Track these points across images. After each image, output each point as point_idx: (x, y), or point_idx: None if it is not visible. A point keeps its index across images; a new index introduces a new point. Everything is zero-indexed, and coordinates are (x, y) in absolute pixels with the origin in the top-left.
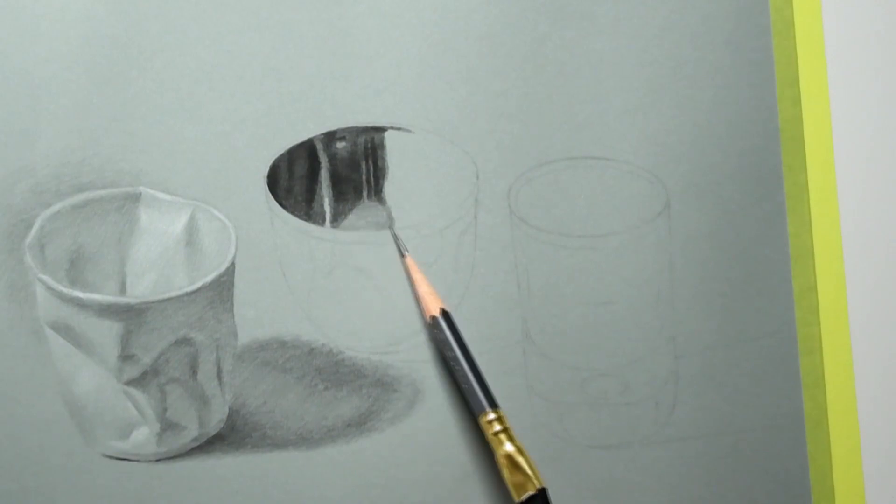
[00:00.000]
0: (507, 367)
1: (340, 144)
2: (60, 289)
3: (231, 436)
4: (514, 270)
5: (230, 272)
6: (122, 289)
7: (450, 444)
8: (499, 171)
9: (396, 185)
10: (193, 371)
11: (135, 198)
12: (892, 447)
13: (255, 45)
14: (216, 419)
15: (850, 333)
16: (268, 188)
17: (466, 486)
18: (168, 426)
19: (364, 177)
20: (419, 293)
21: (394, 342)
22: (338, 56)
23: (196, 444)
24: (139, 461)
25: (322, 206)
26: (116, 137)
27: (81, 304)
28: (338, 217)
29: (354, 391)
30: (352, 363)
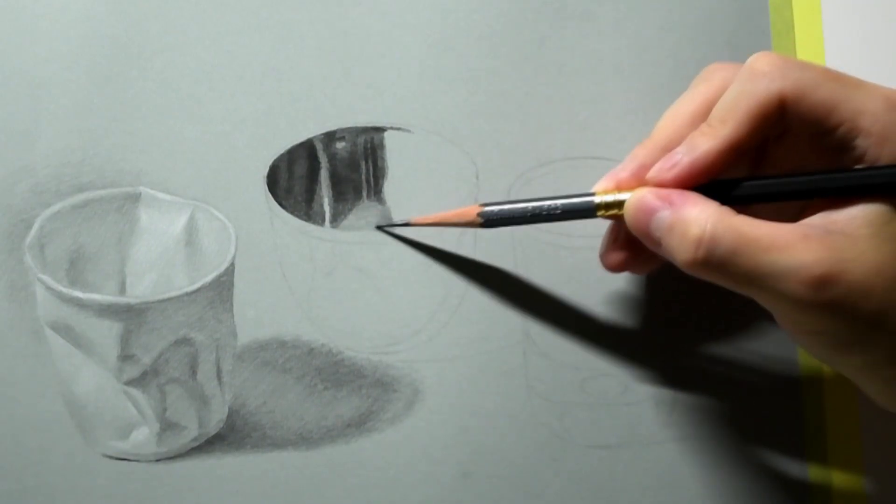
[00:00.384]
0: (507, 367)
1: (340, 144)
2: (60, 289)
3: (231, 436)
4: (514, 270)
5: (230, 272)
6: (122, 289)
7: (450, 444)
8: (499, 171)
9: (396, 185)
10: (193, 371)
11: (135, 198)
12: (893, 447)
13: (255, 45)
14: (216, 419)
15: None
16: (268, 188)
17: (466, 486)
18: (168, 426)
19: (364, 177)
20: (449, 216)
21: (394, 342)
22: (338, 56)
23: (196, 444)
24: (139, 461)
25: (322, 206)
26: (116, 137)
27: (81, 304)
28: (338, 217)
29: (354, 391)
30: (351, 363)
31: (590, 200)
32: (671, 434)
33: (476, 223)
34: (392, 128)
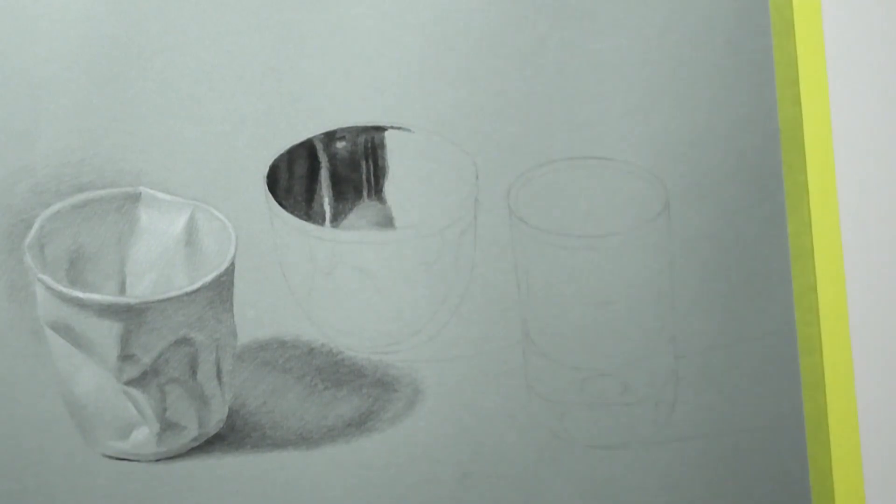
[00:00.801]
0: (507, 367)
1: (340, 144)
2: (60, 289)
3: (231, 436)
4: (514, 270)
5: (230, 272)
6: (122, 289)
7: (450, 444)
8: (499, 171)
9: (396, 185)
10: (193, 371)
11: (135, 198)
12: (892, 447)
13: (255, 45)
14: (216, 419)
15: (850, 333)
16: (268, 188)
17: (466, 486)
18: (168, 426)
19: (364, 176)
20: None
21: (394, 342)
22: (338, 56)
23: (196, 444)
24: (139, 461)
25: (322, 206)
26: (116, 137)
27: (81, 304)
28: (338, 217)
29: (354, 391)
30: (352, 363)
31: None
32: (671, 434)
33: None
34: (392, 127)
